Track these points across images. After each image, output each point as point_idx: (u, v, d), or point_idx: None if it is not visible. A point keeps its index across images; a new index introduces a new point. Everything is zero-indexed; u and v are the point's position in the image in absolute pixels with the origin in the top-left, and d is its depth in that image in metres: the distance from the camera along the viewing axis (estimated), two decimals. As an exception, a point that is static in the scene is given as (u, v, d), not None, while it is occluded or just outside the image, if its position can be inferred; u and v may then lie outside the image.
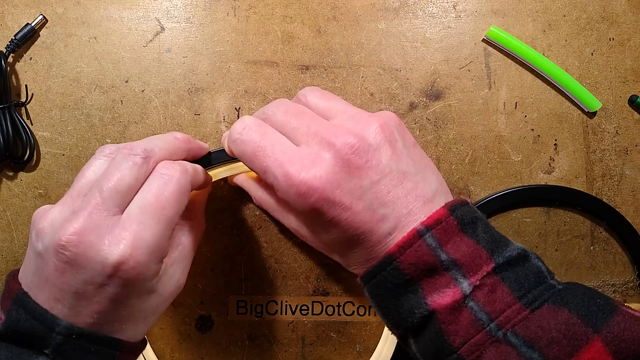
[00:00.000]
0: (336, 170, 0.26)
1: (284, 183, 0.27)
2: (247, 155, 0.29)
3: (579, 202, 0.39)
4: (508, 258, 0.26)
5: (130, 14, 0.39)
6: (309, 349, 0.38)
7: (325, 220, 0.27)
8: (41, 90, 0.38)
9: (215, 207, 0.38)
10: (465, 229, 0.26)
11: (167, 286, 0.28)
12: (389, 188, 0.27)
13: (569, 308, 0.24)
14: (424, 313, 0.26)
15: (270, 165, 0.27)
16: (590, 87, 0.39)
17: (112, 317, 0.26)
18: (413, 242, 0.26)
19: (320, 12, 0.39)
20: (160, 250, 0.26)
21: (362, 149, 0.26)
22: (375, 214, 0.27)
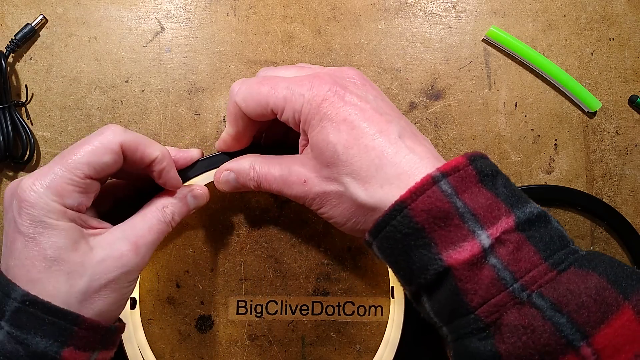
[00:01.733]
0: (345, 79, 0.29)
1: (296, 87, 0.28)
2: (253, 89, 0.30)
3: (579, 202, 0.39)
4: (529, 215, 0.24)
5: (130, 14, 0.39)
6: (309, 349, 0.38)
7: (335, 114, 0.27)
8: (41, 90, 0.38)
9: (215, 207, 0.38)
10: (484, 180, 0.25)
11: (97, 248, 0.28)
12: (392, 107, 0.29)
13: (598, 272, 0.23)
14: (439, 269, 0.24)
15: (279, 82, 0.29)
16: (590, 87, 0.39)
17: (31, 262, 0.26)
18: (427, 187, 0.24)
19: (320, 12, 0.39)
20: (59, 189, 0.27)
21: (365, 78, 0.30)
22: (383, 116, 0.27)
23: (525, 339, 0.22)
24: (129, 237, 0.29)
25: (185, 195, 0.32)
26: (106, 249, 0.28)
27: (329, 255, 0.38)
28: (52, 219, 0.27)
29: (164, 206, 0.31)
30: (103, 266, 0.28)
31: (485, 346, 0.23)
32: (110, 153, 0.28)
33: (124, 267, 0.28)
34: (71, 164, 0.27)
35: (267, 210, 0.38)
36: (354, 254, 0.38)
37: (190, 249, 0.38)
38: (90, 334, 0.27)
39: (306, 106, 0.28)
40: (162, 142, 0.38)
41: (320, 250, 0.38)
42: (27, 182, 0.27)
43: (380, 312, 0.39)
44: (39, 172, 0.27)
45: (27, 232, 0.26)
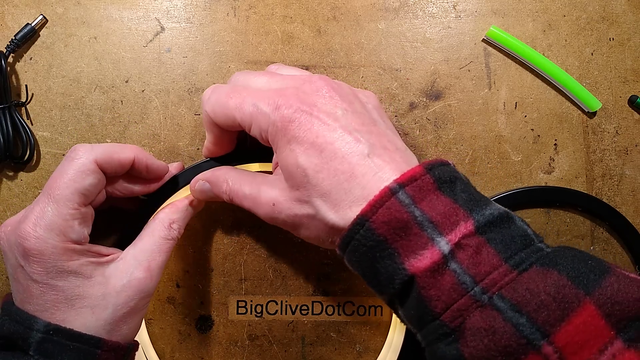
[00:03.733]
0: (312, 95, 0.28)
1: (262, 104, 0.28)
2: (220, 100, 0.30)
3: (579, 203, 0.39)
4: (489, 217, 0.24)
5: (130, 14, 0.39)
6: (309, 349, 0.38)
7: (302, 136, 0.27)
8: (41, 90, 0.38)
9: (215, 207, 0.38)
10: (442, 187, 0.25)
11: (114, 278, 0.29)
12: (362, 121, 0.28)
13: (559, 270, 0.23)
14: (404, 278, 0.24)
15: (246, 96, 0.29)
16: (590, 87, 0.39)
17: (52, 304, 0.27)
18: (385, 200, 0.25)
19: (320, 12, 0.39)
20: (61, 227, 0.27)
21: (337, 87, 0.29)
22: (350, 134, 0.27)
23: (487, 341, 0.22)
24: (142, 262, 0.30)
25: (186, 205, 0.33)
26: (123, 278, 0.29)
27: (329, 255, 0.38)
28: (64, 261, 0.27)
29: (171, 222, 0.32)
30: (123, 296, 0.29)
31: (451, 350, 0.23)
32: (91, 173, 0.29)
33: (142, 292, 0.29)
34: (60, 199, 0.28)
35: (267, 210, 0.38)
36: (354, 254, 0.38)
37: (190, 249, 0.38)
38: (111, 355, 0.28)
39: (272, 128, 0.28)
40: (162, 142, 0.38)
41: (320, 250, 0.38)
42: (27, 228, 0.27)
43: (380, 312, 0.39)
44: (34, 215, 0.27)
45: (42, 280, 0.27)
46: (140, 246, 0.31)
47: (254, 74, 0.31)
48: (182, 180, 0.35)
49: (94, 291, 0.28)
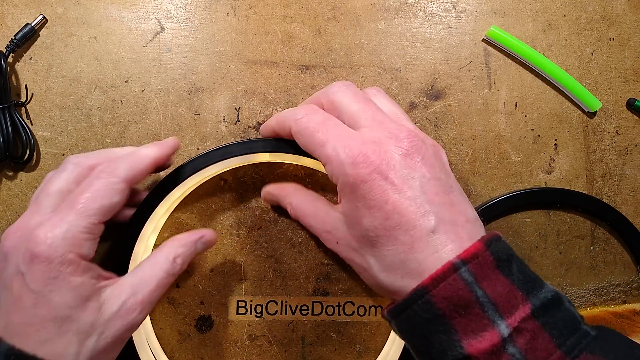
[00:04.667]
0: (394, 155, 0.27)
1: (342, 153, 0.28)
2: (308, 130, 0.29)
3: (580, 204, 0.39)
4: (544, 300, 0.25)
5: (130, 14, 0.39)
6: (309, 349, 0.38)
7: (371, 199, 0.27)
8: (41, 90, 0.38)
9: (215, 207, 0.38)
10: (501, 266, 0.26)
11: (106, 304, 0.28)
12: (437, 190, 0.27)
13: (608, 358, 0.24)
14: (459, 357, 0.25)
15: (330, 137, 0.29)
16: (590, 87, 0.39)
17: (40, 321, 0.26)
18: (447, 275, 0.25)
19: (320, 12, 0.39)
20: (75, 239, 0.27)
21: (421, 148, 0.28)
22: (421, 207, 0.26)
23: None
24: (136, 294, 0.29)
25: (196, 241, 0.33)
26: (114, 306, 0.28)
27: (329, 255, 0.38)
28: (67, 274, 0.26)
29: (175, 256, 0.31)
30: (111, 325, 0.28)
31: None
32: (119, 193, 0.29)
33: (130, 324, 0.28)
34: (84, 211, 0.27)
35: (267, 210, 0.38)
36: (354, 254, 0.38)
37: (190, 249, 0.38)
38: None
39: (344, 178, 0.28)
40: (162, 142, 0.38)
41: (320, 250, 0.38)
42: (40, 234, 0.26)
43: (380, 312, 0.39)
44: (51, 223, 0.27)
45: (39, 289, 0.26)
46: (140, 276, 0.30)
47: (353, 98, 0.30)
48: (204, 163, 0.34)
49: (85, 316, 0.27)
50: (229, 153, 0.34)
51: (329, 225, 0.31)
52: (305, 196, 0.34)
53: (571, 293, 0.39)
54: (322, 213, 0.32)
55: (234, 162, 0.35)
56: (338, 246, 0.31)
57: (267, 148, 0.34)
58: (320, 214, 0.32)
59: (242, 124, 0.38)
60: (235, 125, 0.38)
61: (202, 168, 0.34)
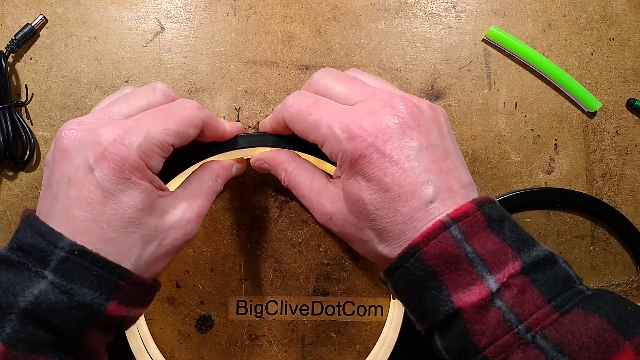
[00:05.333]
0: (390, 125, 0.27)
1: (337, 129, 0.27)
2: (301, 114, 0.29)
3: (580, 204, 0.39)
4: (535, 258, 0.25)
5: (130, 14, 0.39)
6: (309, 349, 0.38)
7: (370, 172, 0.27)
8: (41, 90, 0.38)
9: (215, 207, 0.38)
10: (492, 225, 0.26)
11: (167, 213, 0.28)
12: (434, 158, 0.27)
13: (600, 314, 0.24)
14: (449, 311, 0.25)
15: (324, 116, 0.28)
16: (590, 87, 0.39)
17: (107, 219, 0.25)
18: (438, 233, 0.25)
19: (320, 12, 0.39)
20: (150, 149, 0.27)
21: (417, 114, 0.28)
22: (419, 177, 0.26)
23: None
24: (192, 206, 0.30)
25: (232, 165, 0.34)
26: (175, 216, 0.29)
27: (329, 255, 0.38)
28: (137, 177, 0.26)
29: (217, 175, 0.32)
30: (171, 233, 0.28)
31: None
32: (194, 127, 0.29)
33: (187, 235, 0.29)
34: (165, 130, 0.27)
35: (267, 210, 0.38)
36: (354, 254, 0.38)
37: (190, 249, 0.38)
38: (134, 289, 0.27)
39: (342, 155, 0.28)
40: (162, 142, 0.38)
41: (320, 250, 0.38)
42: (114, 133, 0.26)
43: (380, 312, 0.39)
44: (125, 127, 0.26)
45: (110, 187, 0.25)
46: (190, 190, 0.30)
47: (336, 79, 0.31)
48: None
49: (150, 220, 0.27)
50: (228, 147, 0.34)
51: (324, 198, 0.31)
52: (302, 164, 0.33)
53: (571, 293, 0.39)
54: (318, 185, 0.31)
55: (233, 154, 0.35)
56: (331, 221, 0.31)
57: (268, 143, 0.34)
58: (316, 185, 0.32)
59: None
60: (235, 125, 0.38)
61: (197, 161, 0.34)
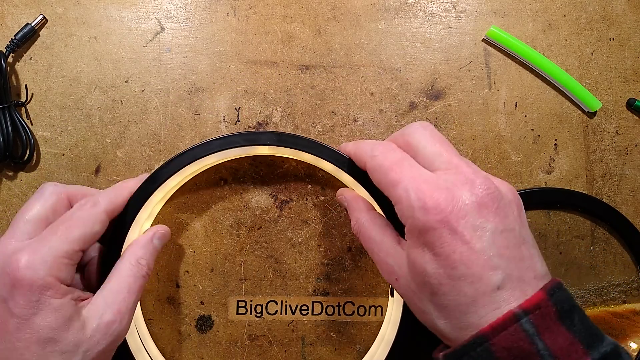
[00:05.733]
0: (467, 203, 0.26)
1: (413, 195, 0.27)
2: (383, 168, 0.29)
3: (580, 204, 0.39)
4: (603, 354, 0.25)
5: (130, 14, 0.39)
6: (309, 349, 0.38)
7: (439, 247, 0.26)
8: (41, 90, 0.38)
9: (215, 207, 0.38)
10: (563, 317, 0.25)
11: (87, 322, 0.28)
12: (508, 244, 0.26)
13: None
14: None
15: (404, 178, 0.28)
16: (590, 87, 0.39)
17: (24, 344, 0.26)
18: (508, 324, 0.24)
19: (320, 12, 0.39)
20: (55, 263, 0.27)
21: (496, 196, 0.27)
22: (490, 260, 0.25)
23: None
24: (111, 305, 0.29)
25: (151, 238, 0.34)
26: (93, 322, 0.29)
27: (329, 255, 0.38)
28: (48, 296, 0.27)
29: (138, 259, 0.32)
30: (94, 340, 0.28)
31: None
32: (100, 223, 0.30)
33: (112, 336, 0.29)
34: (67, 240, 0.28)
35: (267, 210, 0.38)
36: (354, 254, 0.38)
37: (190, 249, 0.38)
38: None
39: (412, 221, 0.27)
40: (162, 142, 0.38)
41: (320, 250, 0.38)
42: (21, 258, 0.27)
43: (380, 312, 0.39)
44: (31, 247, 0.27)
45: (21, 313, 0.26)
46: (109, 288, 0.30)
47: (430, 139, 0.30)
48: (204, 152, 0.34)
49: (68, 336, 0.27)
50: (229, 143, 0.34)
51: (392, 259, 0.30)
52: (375, 219, 0.32)
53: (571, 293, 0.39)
54: (387, 244, 0.31)
55: (233, 153, 0.35)
56: (397, 282, 0.30)
57: (267, 141, 0.34)
58: (385, 244, 0.31)
59: (242, 124, 0.38)
60: (235, 125, 0.38)
61: (201, 157, 0.34)
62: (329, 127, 0.39)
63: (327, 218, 0.38)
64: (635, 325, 0.39)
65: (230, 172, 0.38)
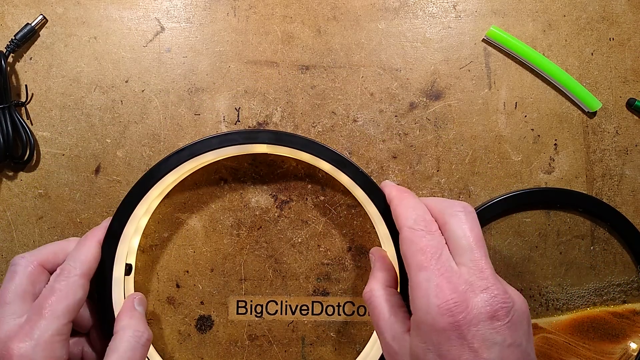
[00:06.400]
0: (482, 312, 0.26)
1: (433, 290, 0.27)
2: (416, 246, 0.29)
3: (580, 204, 0.39)
4: None
5: (130, 14, 0.39)
6: (309, 349, 0.38)
7: (445, 350, 0.26)
8: (41, 90, 0.38)
9: (215, 207, 0.38)
10: None
11: None
12: (513, 358, 0.26)
13: None
14: None
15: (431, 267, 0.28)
16: (590, 87, 0.39)
17: None
18: None
19: (320, 12, 0.39)
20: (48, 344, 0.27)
21: (510, 309, 0.27)
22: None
23: None
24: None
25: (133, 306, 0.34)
26: None
27: (329, 255, 0.38)
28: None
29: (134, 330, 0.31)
30: None
31: None
32: (80, 288, 0.30)
33: None
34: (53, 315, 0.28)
35: (267, 210, 0.38)
36: (354, 254, 0.38)
37: (190, 249, 0.38)
38: None
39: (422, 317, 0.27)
40: (161, 142, 0.38)
41: (320, 250, 0.38)
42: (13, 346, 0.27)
43: None
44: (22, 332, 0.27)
45: None
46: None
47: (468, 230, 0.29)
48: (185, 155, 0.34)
49: None
50: (227, 141, 0.34)
51: (397, 345, 0.30)
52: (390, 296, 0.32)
53: (571, 293, 0.39)
54: (396, 329, 0.30)
55: (231, 150, 0.35)
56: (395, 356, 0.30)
57: (265, 140, 0.34)
58: (394, 328, 0.30)
59: (242, 124, 0.38)
60: (235, 125, 0.38)
61: (199, 154, 0.34)
62: (329, 127, 0.39)
63: (327, 218, 0.38)
64: (635, 325, 0.39)
65: (230, 172, 0.38)
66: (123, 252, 0.34)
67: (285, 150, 0.35)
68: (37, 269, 0.31)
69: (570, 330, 0.39)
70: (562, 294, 0.39)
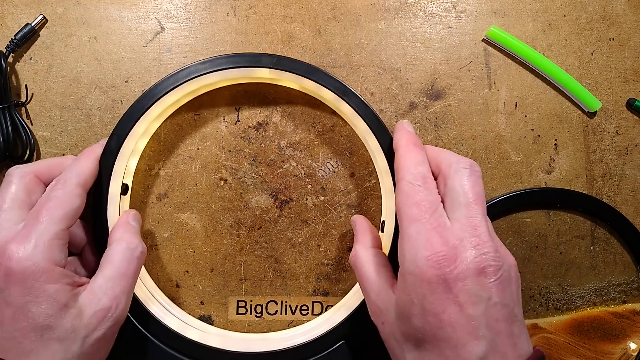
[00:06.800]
0: (470, 268, 0.26)
1: (422, 242, 0.27)
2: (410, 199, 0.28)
3: (580, 204, 0.39)
4: None
5: (130, 14, 0.39)
6: (309, 349, 0.38)
7: (430, 302, 0.26)
8: (41, 90, 0.38)
9: (215, 207, 0.38)
10: None
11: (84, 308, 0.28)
12: (499, 317, 0.26)
13: None
14: None
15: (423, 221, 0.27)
16: (590, 87, 0.39)
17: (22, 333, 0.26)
18: None
19: (320, 12, 0.39)
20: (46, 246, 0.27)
21: (500, 268, 0.27)
22: (477, 330, 0.25)
23: None
24: (106, 291, 0.29)
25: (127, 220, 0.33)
26: (90, 308, 0.28)
27: (329, 255, 0.38)
28: (42, 282, 0.27)
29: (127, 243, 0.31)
30: (92, 327, 0.28)
31: None
32: (77, 197, 0.30)
33: (110, 321, 0.29)
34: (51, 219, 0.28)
35: (267, 210, 0.38)
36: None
37: (190, 249, 0.38)
38: None
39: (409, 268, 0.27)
40: (162, 142, 0.38)
41: (320, 250, 0.38)
42: (12, 247, 0.27)
43: None
44: (20, 235, 0.27)
45: (17, 302, 0.26)
46: (103, 274, 0.30)
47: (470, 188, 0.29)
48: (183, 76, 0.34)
49: (65, 323, 0.27)
50: (229, 63, 0.34)
51: (382, 302, 0.30)
52: (376, 255, 0.32)
53: (571, 293, 0.39)
54: (380, 286, 0.30)
55: (232, 74, 0.35)
56: (382, 327, 0.30)
57: (268, 63, 0.34)
58: (378, 285, 0.30)
59: (242, 124, 0.38)
60: (235, 125, 0.38)
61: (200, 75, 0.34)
62: (329, 127, 0.39)
63: (327, 218, 0.38)
64: (635, 325, 0.39)
65: (230, 172, 0.38)
66: (120, 169, 0.34)
67: (288, 77, 0.35)
68: (33, 180, 0.31)
69: (571, 330, 0.39)
70: (562, 294, 0.39)
